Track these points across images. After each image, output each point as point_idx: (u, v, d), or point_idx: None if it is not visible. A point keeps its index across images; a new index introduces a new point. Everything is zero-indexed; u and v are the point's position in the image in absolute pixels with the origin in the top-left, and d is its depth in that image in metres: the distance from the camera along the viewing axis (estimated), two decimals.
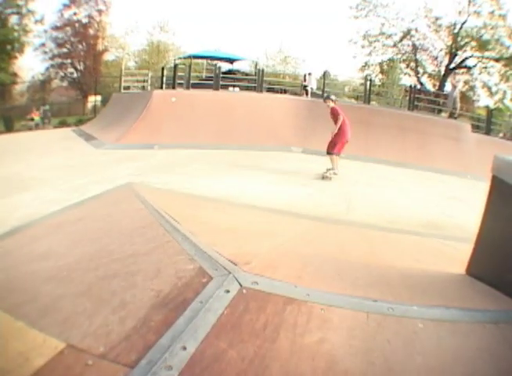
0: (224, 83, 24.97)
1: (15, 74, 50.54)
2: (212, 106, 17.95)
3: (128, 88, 28.20)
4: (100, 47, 53.73)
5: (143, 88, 26.89)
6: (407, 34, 46.63)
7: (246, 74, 33.09)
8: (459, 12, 42.64)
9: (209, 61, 37.24)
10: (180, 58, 38.72)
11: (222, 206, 7.18)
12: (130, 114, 18.93)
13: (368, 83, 26.83)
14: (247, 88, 24.62)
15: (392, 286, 3.35)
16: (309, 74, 28.52)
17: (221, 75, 24.73)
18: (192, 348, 2.17)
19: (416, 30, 46.37)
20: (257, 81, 24.69)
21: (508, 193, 3.27)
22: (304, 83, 28.06)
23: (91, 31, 53.18)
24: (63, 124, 33.89)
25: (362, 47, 48.80)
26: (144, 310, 2.53)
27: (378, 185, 11.87)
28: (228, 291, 2.63)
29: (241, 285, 2.72)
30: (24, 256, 4.46)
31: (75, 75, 53.85)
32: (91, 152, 15.41)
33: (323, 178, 11.41)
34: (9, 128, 35.43)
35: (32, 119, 35.27)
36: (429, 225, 7.96)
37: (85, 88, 48.73)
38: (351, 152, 13.35)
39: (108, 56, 56.24)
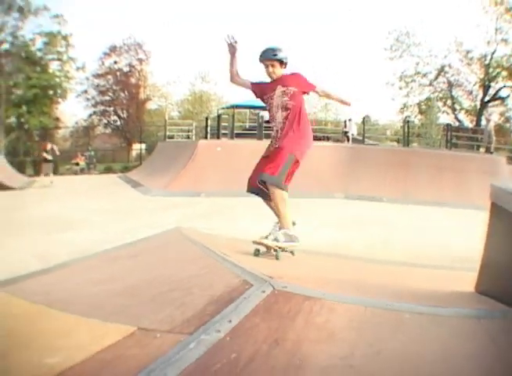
0: (267, 132, 25.70)
1: (57, 119, 52.67)
2: (256, 156, 18.53)
3: (172, 137, 29.06)
4: (142, 96, 55.20)
5: (188, 137, 27.73)
6: (441, 70, 47.27)
7: None
8: (488, 42, 43.17)
9: (252, 110, 37.85)
10: (223, 108, 39.64)
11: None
12: (176, 163, 19.72)
13: (406, 126, 27.64)
14: None
15: (399, 293, 4.19)
16: (349, 119, 29.06)
17: (264, 124, 25.43)
18: (235, 322, 2.86)
19: (450, 66, 47.05)
20: None
21: (505, 217, 3.74)
22: (344, 129, 28.64)
23: (132, 80, 54.97)
24: (108, 170, 35.14)
25: (400, 88, 49.70)
26: (200, 306, 3.22)
27: (415, 226, 12.12)
28: (263, 291, 3.36)
29: (274, 287, 3.43)
30: (85, 281, 5.08)
31: (118, 123, 55.33)
32: (138, 198, 16.21)
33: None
34: (54, 172, 36.58)
35: (77, 164, 36.35)
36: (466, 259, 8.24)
37: (129, 135, 50.13)
38: (390, 195, 13.71)
39: (151, 105, 57.69)
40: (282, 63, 5.74)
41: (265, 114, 36.14)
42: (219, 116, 28.21)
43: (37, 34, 49.25)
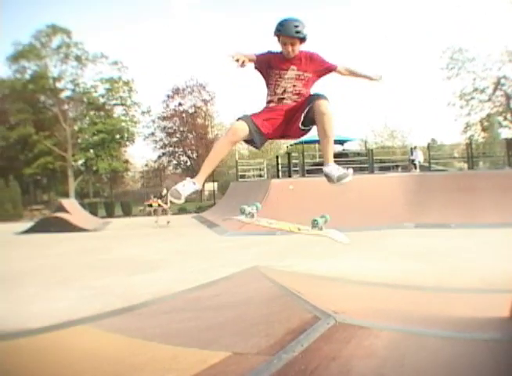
0: None
1: (127, 161, 55.08)
2: (327, 191, 18.90)
3: (243, 176, 29.60)
4: (210, 135, 56.30)
5: (260, 176, 28.21)
6: (498, 83, 46.99)
7: (358, 154, 34.17)
8: None
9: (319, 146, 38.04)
10: (292, 145, 40.15)
11: (340, 283, 8.01)
12: (250, 202, 20.19)
13: (469, 147, 28.05)
14: (360, 169, 25.57)
15: (453, 322, 4.68)
16: (415, 147, 29.60)
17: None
18: (305, 345, 3.63)
19: (505, 77, 46.63)
20: (368, 161, 25.75)
21: None
22: (411, 157, 28.75)
23: (199, 120, 56.22)
24: (182, 210, 35.78)
25: (461, 107, 49.57)
26: (280, 335, 4.01)
27: (480, 251, 12.02)
28: (328, 323, 4.05)
29: (336, 320, 4.10)
30: (174, 318, 5.72)
31: (188, 163, 56.56)
32: (214, 238, 16.83)
33: None
34: (127, 213, 37.73)
35: (150, 205, 37.21)
36: None
37: None
38: (457, 221, 13.80)
39: None
40: (303, 40, 4.57)
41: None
42: (289, 154, 28.84)
43: (98, 81, 52.22)
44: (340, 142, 36.69)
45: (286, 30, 4.51)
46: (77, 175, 51.13)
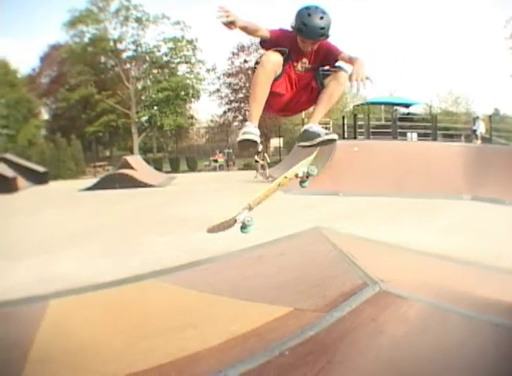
0: (402, 130, 26.03)
1: (192, 117, 55.75)
2: (389, 156, 18.89)
3: None
4: None
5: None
6: None
7: (423, 119, 33.96)
8: None
9: (385, 107, 38.21)
10: (357, 105, 39.78)
11: (394, 251, 8.10)
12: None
13: None
14: (424, 135, 25.31)
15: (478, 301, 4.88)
16: (477, 117, 28.63)
17: (398, 123, 25.66)
18: (353, 307, 4.17)
19: None
20: (432, 127, 25.53)
21: None
22: (473, 127, 28.07)
23: None
24: (247, 166, 36.40)
25: None
26: (334, 297, 4.60)
27: None
28: (373, 290, 4.48)
29: (380, 288, 4.51)
30: (240, 275, 6.19)
31: None
32: (278, 196, 17.02)
33: None
34: (192, 168, 38.25)
35: (216, 161, 37.68)
36: None
37: (266, 131, 51.24)
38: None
39: None
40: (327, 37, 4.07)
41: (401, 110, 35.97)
42: (355, 115, 28.72)
43: (160, 41, 52.60)
44: (406, 105, 36.05)
45: (311, 34, 4.00)
46: (141, 131, 52.23)
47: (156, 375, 3.47)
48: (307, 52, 4.15)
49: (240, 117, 57.55)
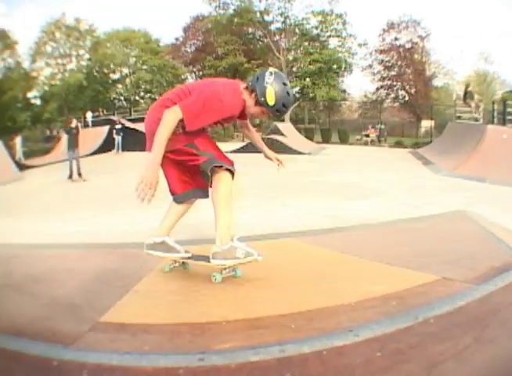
0: None
1: (344, 91, 56.05)
2: None
3: (459, 117, 28.80)
4: (428, 72, 55.08)
5: (476, 120, 27.27)
6: None
7: None
8: None
9: None
10: (507, 92, 38.15)
11: None
12: (465, 145, 19.79)
13: None
14: None
15: None
16: None
17: None
18: (503, 283, 3.85)
19: None
20: None
21: None
22: None
23: (416, 56, 54.98)
24: (398, 144, 36.20)
25: None
26: (484, 270, 4.27)
27: None
28: None
29: None
30: (379, 242, 6.23)
31: (407, 98, 56.03)
32: (428, 176, 16.75)
33: None
34: (343, 141, 38.39)
35: (367, 135, 37.58)
36: None
37: (418, 111, 50.43)
38: None
39: (437, 82, 57.40)
40: None
41: None
42: (504, 101, 27.47)
43: (309, 13, 52.90)
44: None
45: (285, 111, 4.46)
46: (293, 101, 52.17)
47: (273, 324, 3.39)
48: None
49: (392, 95, 56.95)
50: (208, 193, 4.38)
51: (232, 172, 4.23)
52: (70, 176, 19.12)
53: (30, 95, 54.76)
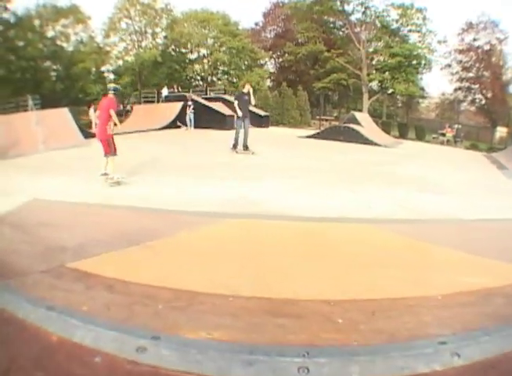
0: None
1: (422, 89, 54.53)
2: None
3: None
4: (505, 77, 53.60)
5: None
6: None
7: None
8: None
9: None
10: None
11: None
12: None
13: None
14: None
15: None
16: None
17: None
18: None
19: None
20: None
21: None
22: None
23: (493, 59, 53.57)
24: (474, 147, 35.39)
25: None
26: None
27: None
28: None
29: None
30: (466, 236, 5.77)
31: (483, 102, 54.70)
32: (502, 179, 16.14)
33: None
34: (419, 138, 38.08)
35: (444, 134, 37.08)
36: None
37: (494, 117, 49.16)
38: None
39: None
40: None
41: None
42: None
43: (389, 6, 51.40)
44: None
45: None
46: (371, 95, 52.10)
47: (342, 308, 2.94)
48: None
49: (470, 98, 55.59)
50: None
51: None
52: (234, 146, 17.69)
53: (103, 68, 55.75)
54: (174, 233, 5.27)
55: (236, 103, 17.69)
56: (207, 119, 29.22)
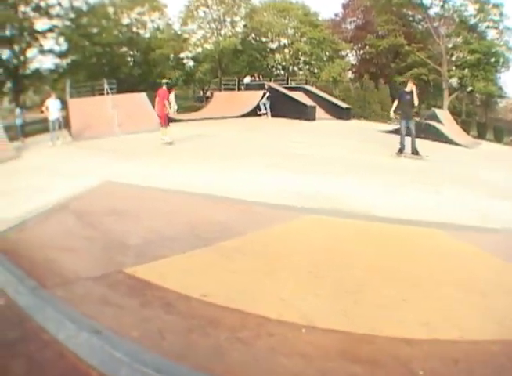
0: None
1: (500, 88, 53.00)
2: None
3: None
4: None
5: None
6: None
7: None
8: None
9: None
10: None
11: None
12: None
13: None
14: None
15: None
16: None
17: None
18: None
19: None
20: None
21: None
22: None
23: None
24: None
25: None
26: None
27: None
28: None
29: None
30: None
31: None
32: None
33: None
34: (498, 140, 38.00)
35: None
36: None
37: None
38: None
39: None
40: None
41: None
42: None
43: (466, 0, 50.36)
44: None
45: None
46: (451, 92, 51.03)
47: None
48: None
49: None
50: None
51: None
52: (400, 151, 15.86)
53: (182, 55, 56.29)
54: (246, 230, 5.15)
55: (395, 102, 16.50)
56: (287, 108, 29.63)
